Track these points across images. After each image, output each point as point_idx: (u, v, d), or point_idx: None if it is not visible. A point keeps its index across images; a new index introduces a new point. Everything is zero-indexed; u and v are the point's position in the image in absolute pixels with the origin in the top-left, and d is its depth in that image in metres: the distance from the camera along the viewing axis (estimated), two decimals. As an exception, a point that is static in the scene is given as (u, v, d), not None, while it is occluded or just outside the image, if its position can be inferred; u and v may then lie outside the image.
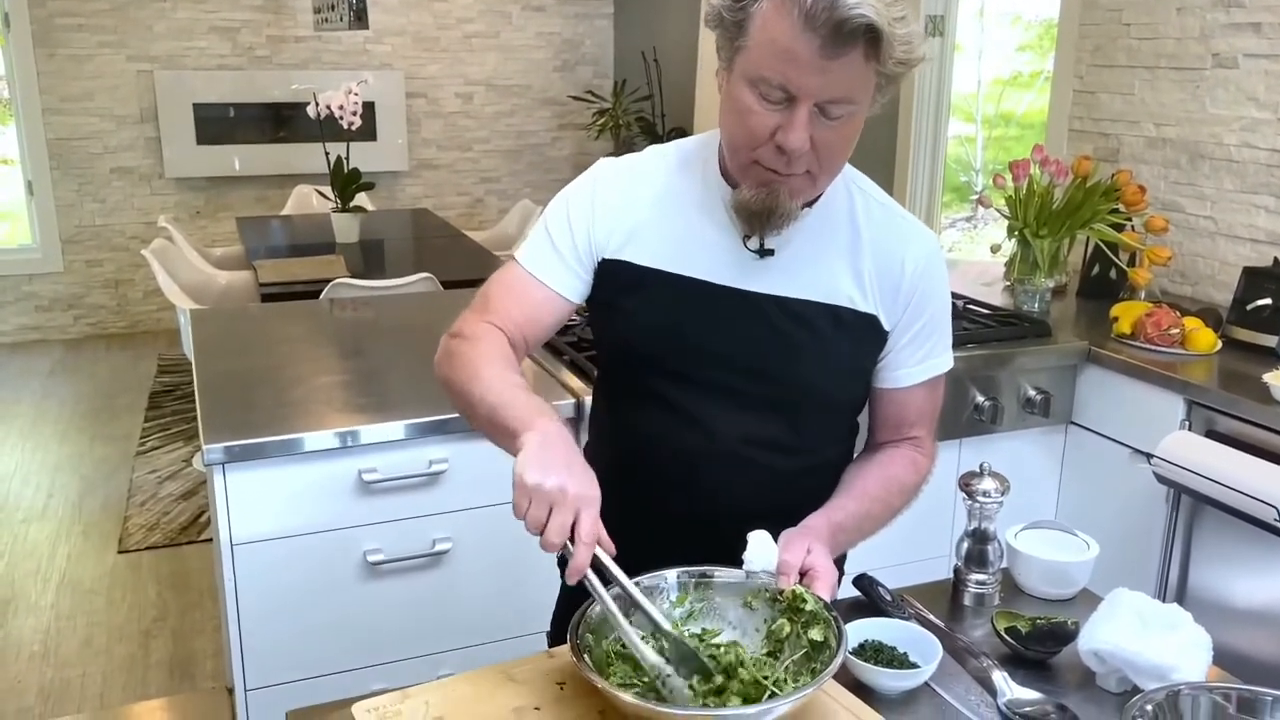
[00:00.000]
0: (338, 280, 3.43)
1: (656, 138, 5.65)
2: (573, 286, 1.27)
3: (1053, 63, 3.29)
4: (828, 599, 1.08)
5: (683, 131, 5.52)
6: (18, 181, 5.74)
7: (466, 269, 3.94)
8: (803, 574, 1.10)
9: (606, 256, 1.25)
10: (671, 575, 1.13)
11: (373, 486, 1.88)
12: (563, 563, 1.35)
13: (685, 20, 5.48)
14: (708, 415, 1.24)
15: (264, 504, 1.82)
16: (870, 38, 1.04)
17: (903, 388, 1.29)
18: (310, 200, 5.45)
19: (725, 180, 1.21)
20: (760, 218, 1.15)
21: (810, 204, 1.20)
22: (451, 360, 1.23)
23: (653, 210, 1.24)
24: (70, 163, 5.60)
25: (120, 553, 3.37)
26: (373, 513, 1.90)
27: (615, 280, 1.25)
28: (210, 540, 3.41)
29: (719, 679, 1.02)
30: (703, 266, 1.22)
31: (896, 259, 1.23)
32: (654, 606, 1.07)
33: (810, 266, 1.22)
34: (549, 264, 1.26)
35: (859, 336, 1.24)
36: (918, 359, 1.28)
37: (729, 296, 1.21)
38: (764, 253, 1.21)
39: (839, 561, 1.30)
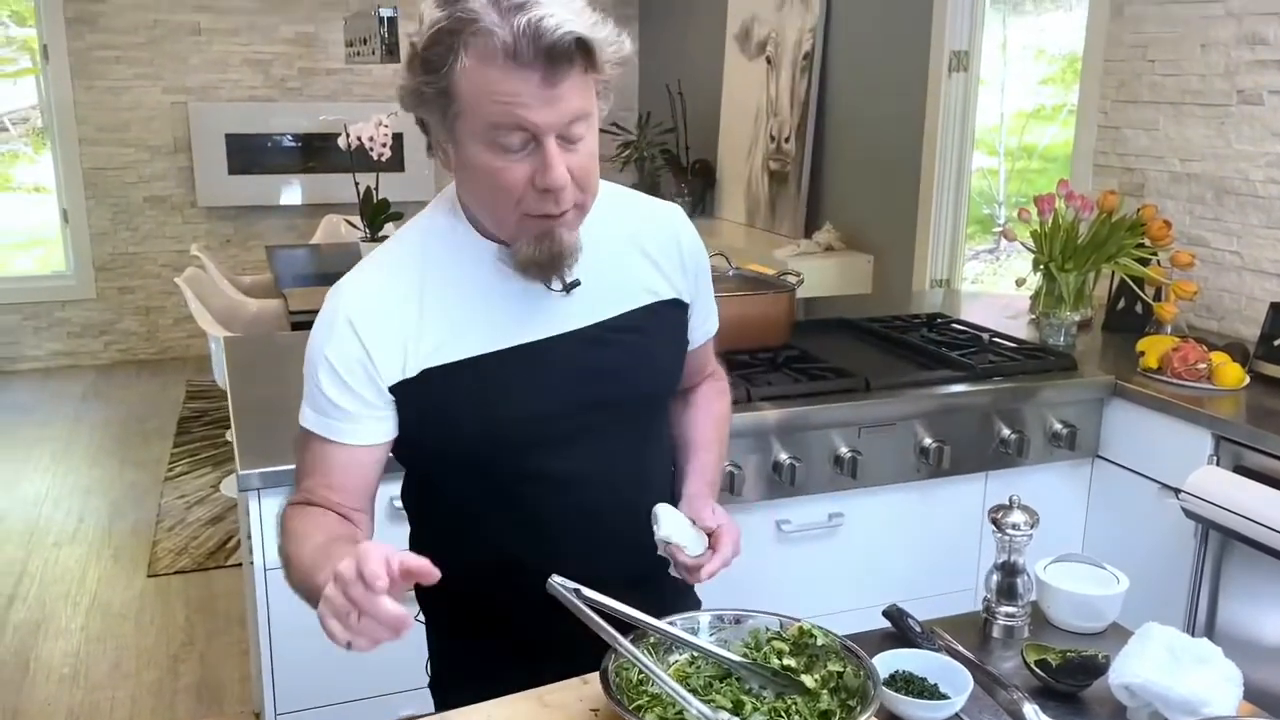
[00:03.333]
0: (367, 309, 3.47)
1: (681, 170, 5.70)
2: (374, 431, 1.19)
3: (1076, 96, 3.31)
4: (735, 551, 1.22)
5: (706, 164, 5.57)
6: (53, 209, 5.85)
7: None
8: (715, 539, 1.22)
9: (401, 379, 1.16)
10: (704, 618, 1.15)
11: (403, 513, 1.90)
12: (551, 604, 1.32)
13: (709, 53, 5.54)
14: (588, 464, 1.23)
15: (297, 529, 1.85)
16: (583, 50, 1.02)
17: (702, 344, 1.40)
18: (339, 229, 5.52)
19: (489, 239, 1.17)
20: (552, 266, 1.12)
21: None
22: (283, 538, 1.20)
23: (427, 312, 1.16)
24: (105, 191, 5.70)
25: (149, 576, 3.41)
26: (402, 540, 1.92)
27: (427, 395, 1.16)
28: (237, 565, 3.44)
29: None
30: (508, 331, 1.17)
31: (671, 238, 1.29)
32: (707, 643, 1.11)
33: (610, 281, 1.22)
34: (341, 428, 1.18)
35: (675, 321, 1.31)
36: (707, 315, 1.38)
37: (548, 347, 1.18)
38: (570, 287, 1.17)
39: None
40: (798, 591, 2.17)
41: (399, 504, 1.87)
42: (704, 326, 1.38)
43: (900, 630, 1.29)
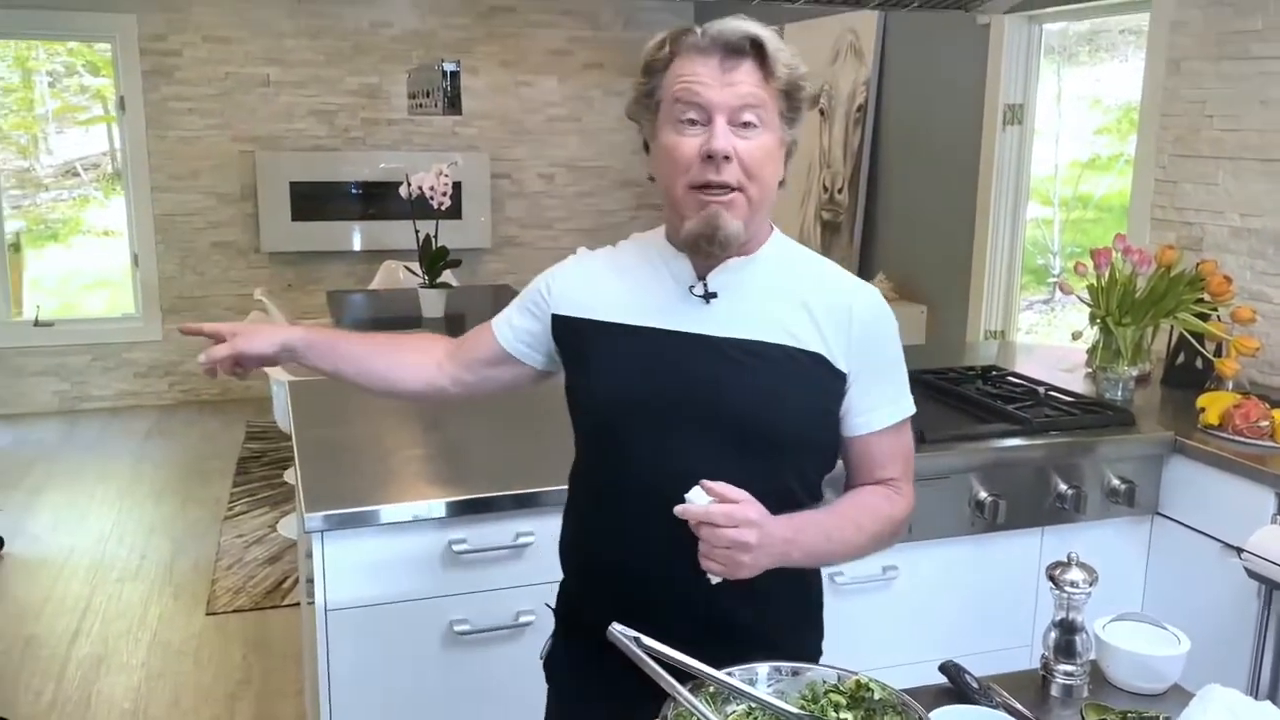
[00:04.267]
0: (425, 354, 3.54)
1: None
2: (508, 339, 1.47)
3: (1133, 147, 3.31)
4: (727, 519, 1.15)
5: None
6: (120, 252, 6.06)
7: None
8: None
9: (556, 313, 1.41)
10: (762, 669, 1.16)
11: (461, 557, 1.94)
12: (549, 663, 1.53)
13: (763, 106, 5.61)
14: (679, 462, 1.26)
15: (358, 572, 1.89)
16: (757, 49, 1.23)
17: (871, 433, 1.36)
18: (397, 275, 5.64)
19: (672, 244, 1.35)
20: (706, 239, 1.26)
21: (752, 250, 1.33)
22: None
23: (605, 275, 1.39)
24: (174, 236, 5.89)
25: (208, 614, 3.48)
26: (460, 583, 1.96)
27: (569, 336, 1.40)
28: (293, 605, 3.50)
29: None
30: (651, 315, 1.33)
31: (843, 306, 1.32)
32: (763, 693, 1.11)
33: (755, 309, 1.31)
34: (500, 322, 1.50)
35: (809, 374, 1.31)
36: (880, 402, 1.35)
37: (679, 339, 1.31)
38: (709, 296, 1.31)
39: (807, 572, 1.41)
40: (851, 645, 2.14)
41: (458, 547, 1.92)
42: (871, 413, 1.35)
43: (957, 686, 1.29)
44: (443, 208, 4.59)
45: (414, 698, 1.97)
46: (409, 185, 4.60)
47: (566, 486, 1.50)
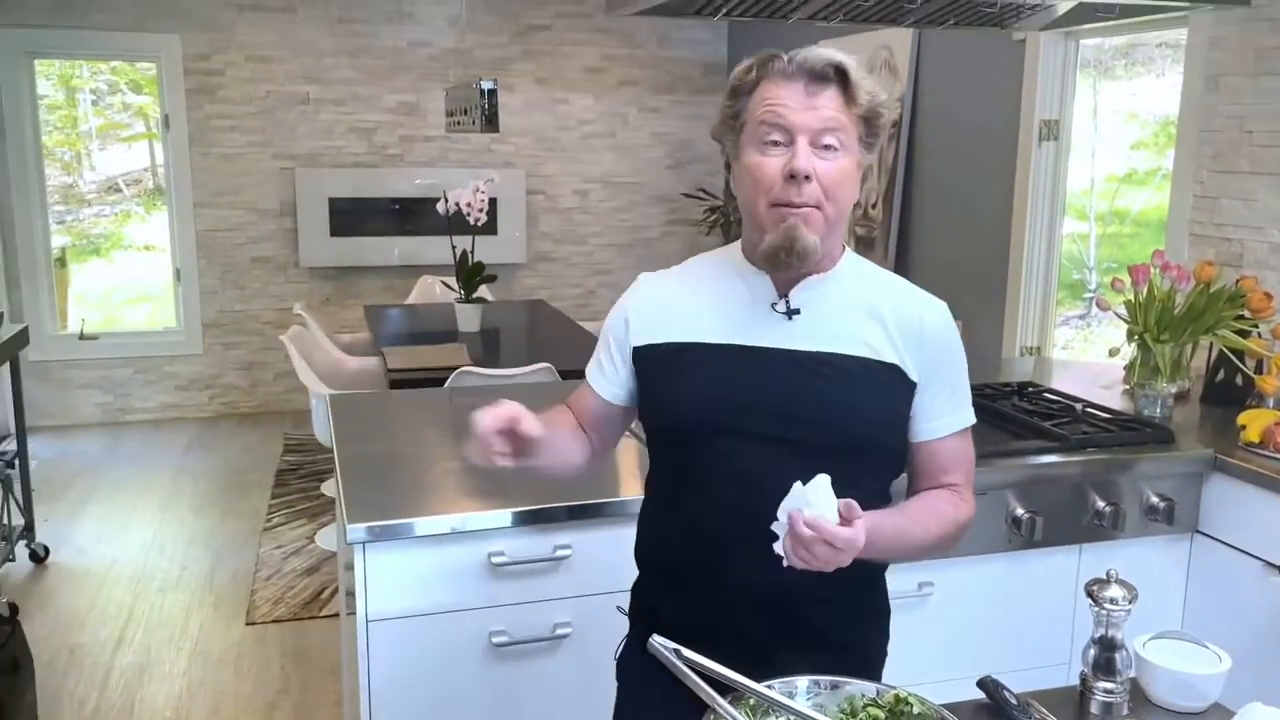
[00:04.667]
0: (462, 369, 3.58)
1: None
2: (612, 392, 1.51)
3: (1170, 162, 3.29)
4: (859, 538, 1.18)
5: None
6: (159, 267, 6.17)
7: (582, 359, 4.07)
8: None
9: (637, 345, 1.45)
10: (801, 682, 1.17)
11: (500, 569, 1.96)
12: (622, 664, 1.58)
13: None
14: (759, 471, 1.32)
15: (399, 583, 1.92)
16: (840, 77, 1.30)
17: (936, 439, 1.42)
18: (434, 290, 5.71)
19: (750, 262, 1.40)
20: (785, 250, 1.31)
21: (827, 268, 1.38)
22: None
23: (680, 296, 1.45)
24: (215, 252, 6.00)
25: (248, 624, 3.53)
26: (499, 595, 1.98)
27: (651, 363, 1.44)
28: (331, 616, 3.54)
29: None
30: (733, 332, 1.39)
31: (915, 317, 1.40)
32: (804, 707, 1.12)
33: (834, 323, 1.38)
34: (595, 375, 1.53)
35: (886, 384, 1.37)
36: (946, 410, 1.42)
37: (763, 354, 1.37)
38: (791, 313, 1.37)
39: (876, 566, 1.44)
40: (887, 660, 2.15)
41: (497, 560, 1.94)
42: (942, 419, 1.42)
43: (995, 702, 1.29)
44: (479, 223, 4.65)
45: (453, 708, 1.99)
46: (446, 201, 4.66)
47: (605, 501, 1.55)
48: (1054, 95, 3.94)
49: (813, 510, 1.17)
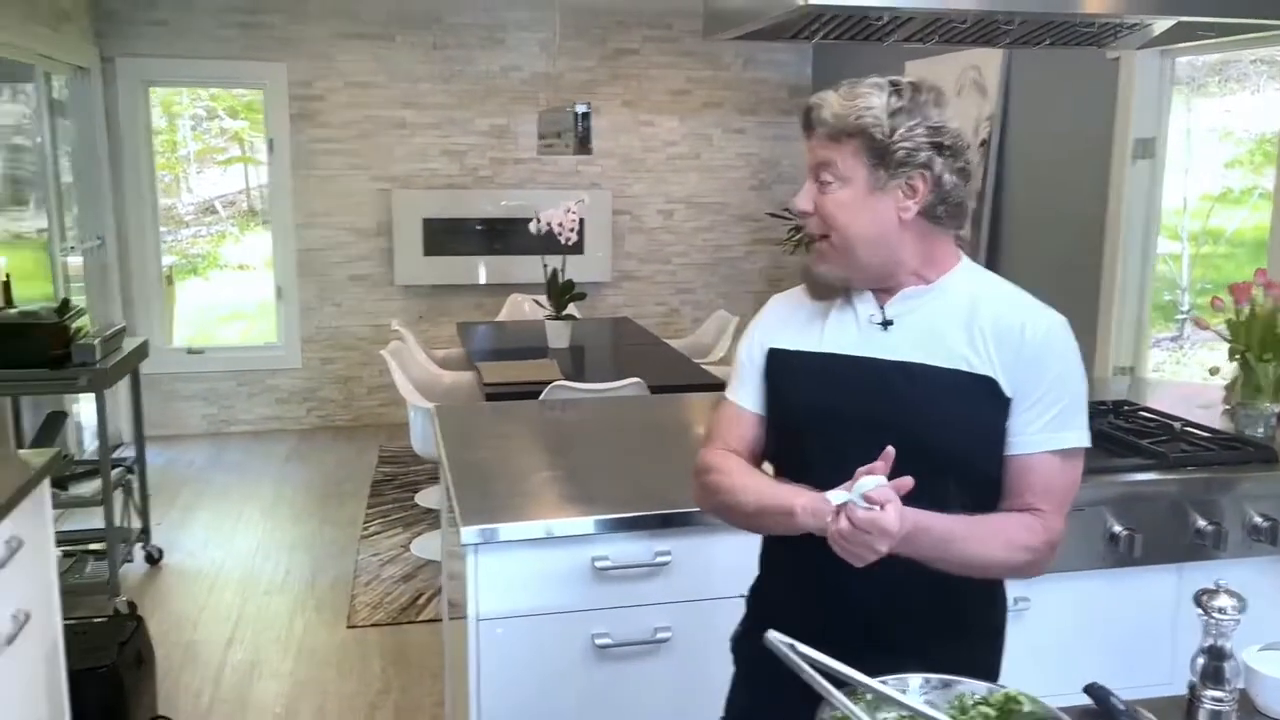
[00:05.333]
0: (556, 383, 3.69)
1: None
2: (757, 404, 1.55)
3: (1270, 180, 3.24)
4: (895, 525, 1.22)
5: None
6: (255, 285, 6.44)
7: (671, 374, 4.15)
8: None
9: (769, 349, 1.54)
10: (914, 680, 1.21)
11: (604, 573, 2.04)
12: (737, 645, 1.63)
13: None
14: (853, 470, 1.31)
15: (507, 584, 2.01)
16: (809, 116, 1.43)
17: (1026, 454, 1.40)
18: (523, 308, 5.85)
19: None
20: (810, 281, 1.50)
21: (933, 279, 1.44)
22: (711, 493, 1.53)
23: (796, 308, 1.54)
24: (314, 270, 6.23)
25: (349, 627, 3.66)
26: (603, 598, 2.06)
27: (769, 370, 1.53)
28: (428, 621, 3.66)
29: None
30: (837, 342, 1.47)
31: (1015, 326, 1.40)
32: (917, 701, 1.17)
33: (927, 335, 1.42)
34: (740, 391, 1.57)
35: (976, 397, 1.39)
36: (1041, 426, 1.39)
37: (858, 363, 1.44)
38: (886, 324, 1.44)
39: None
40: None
41: (601, 564, 2.02)
42: (1032, 435, 1.39)
43: (1104, 708, 1.32)
44: (569, 243, 4.77)
45: (557, 706, 2.06)
46: (539, 221, 4.79)
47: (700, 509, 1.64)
48: (1149, 113, 3.90)
49: (845, 497, 1.25)
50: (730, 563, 1.88)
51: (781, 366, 1.52)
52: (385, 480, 5.31)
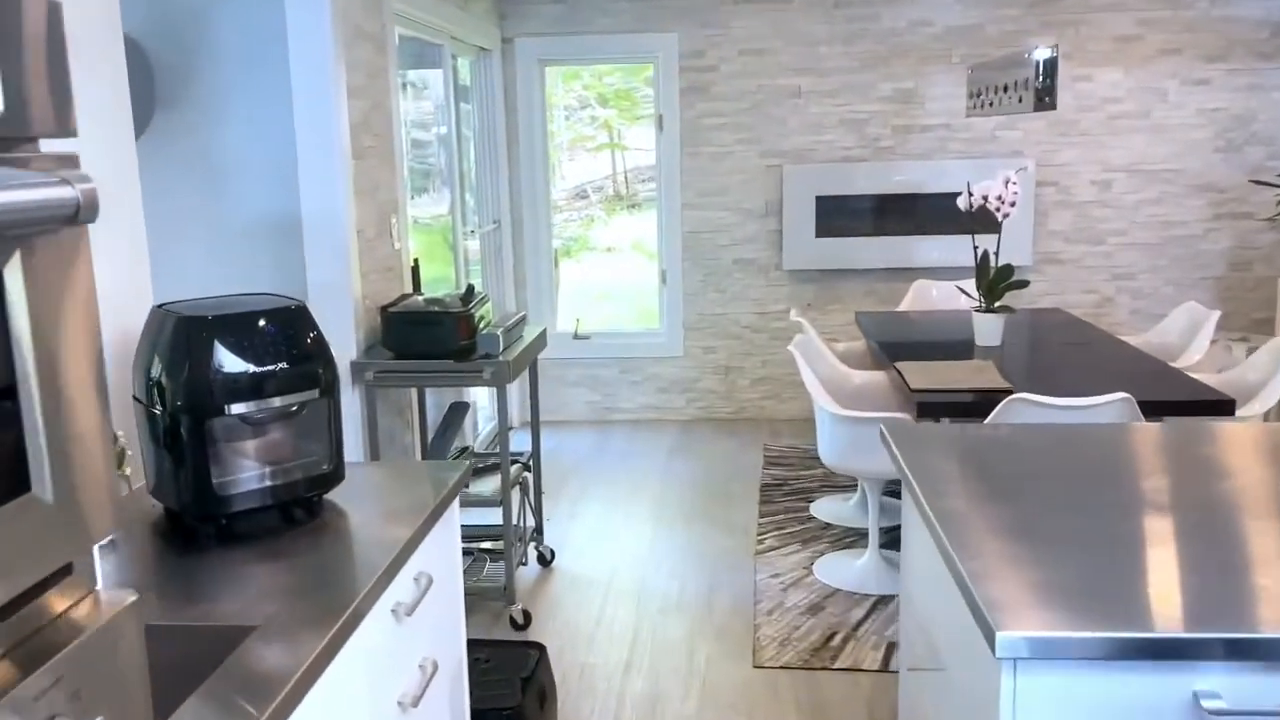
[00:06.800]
0: (1013, 397, 2.98)
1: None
2: None
3: None
4: None
5: None
6: (619, 269, 6.24)
7: (1155, 387, 3.26)
8: None
9: None
10: None
11: (1214, 716, 1.35)
12: None
13: None
14: None
15: (1058, 713, 1.38)
16: None
17: None
18: (929, 295, 5.14)
19: None
20: None
21: None
22: None
23: None
24: (698, 254, 5.89)
25: (755, 667, 3.20)
26: (1205, 753, 1.37)
27: None
28: (845, 669, 3.12)
29: None
30: None
31: None
32: None
33: None
34: None
35: None
36: None
37: None
38: None
39: None
40: None
41: (1209, 704, 1.33)
42: None
43: None
44: (1006, 218, 4.01)
45: None
46: (970, 195, 4.07)
47: None
48: None
49: None
50: None
51: None
52: (775, 485, 4.83)
